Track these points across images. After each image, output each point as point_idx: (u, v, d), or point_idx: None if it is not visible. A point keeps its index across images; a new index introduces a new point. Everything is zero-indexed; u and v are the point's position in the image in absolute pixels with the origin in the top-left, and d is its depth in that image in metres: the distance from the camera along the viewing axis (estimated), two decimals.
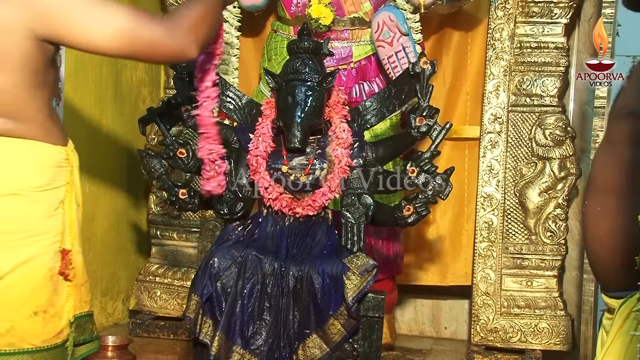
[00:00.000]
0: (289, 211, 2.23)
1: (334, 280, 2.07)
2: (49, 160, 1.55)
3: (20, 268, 1.51)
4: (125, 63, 3.22)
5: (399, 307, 3.36)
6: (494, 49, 3.00)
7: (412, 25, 2.84)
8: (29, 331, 1.53)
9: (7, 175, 1.50)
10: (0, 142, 1.50)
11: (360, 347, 2.14)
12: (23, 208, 1.52)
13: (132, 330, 3.12)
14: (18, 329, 1.52)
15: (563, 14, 2.96)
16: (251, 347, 2.07)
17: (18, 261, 1.51)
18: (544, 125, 2.95)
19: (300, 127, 2.17)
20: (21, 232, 1.51)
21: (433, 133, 2.24)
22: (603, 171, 1.45)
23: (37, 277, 1.53)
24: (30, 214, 1.52)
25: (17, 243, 1.51)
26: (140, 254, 3.41)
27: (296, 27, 2.85)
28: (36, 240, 1.53)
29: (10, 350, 1.51)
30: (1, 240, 1.50)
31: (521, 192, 2.97)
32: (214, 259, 2.11)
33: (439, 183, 2.20)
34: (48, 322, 1.56)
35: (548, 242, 2.95)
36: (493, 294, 2.97)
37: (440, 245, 3.22)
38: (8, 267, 1.50)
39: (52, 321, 1.57)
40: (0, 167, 1.50)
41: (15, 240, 1.50)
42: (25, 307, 1.53)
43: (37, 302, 1.54)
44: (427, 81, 2.25)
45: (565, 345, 2.90)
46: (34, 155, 1.53)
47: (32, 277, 1.53)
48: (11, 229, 1.50)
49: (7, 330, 1.51)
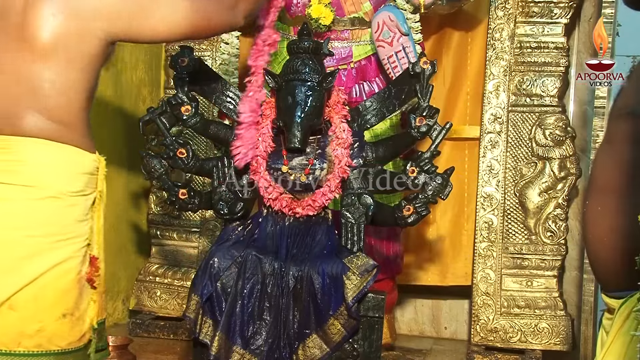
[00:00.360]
0: (289, 211, 2.23)
1: (334, 280, 2.07)
2: (85, 167, 1.59)
3: (54, 270, 1.53)
4: (126, 63, 3.22)
5: (399, 307, 3.36)
6: (494, 49, 3.00)
7: (412, 25, 2.84)
8: (57, 333, 1.56)
9: (50, 178, 1.54)
10: (49, 146, 1.53)
11: (360, 347, 2.14)
12: (60, 211, 1.55)
13: (132, 330, 3.12)
14: (47, 330, 1.54)
15: (563, 14, 2.96)
16: (251, 347, 2.07)
17: (52, 263, 1.53)
18: (544, 125, 2.95)
19: (300, 127, 2.17)
20: (57, 234, 1.54)
21: (433, 133, 2.24)
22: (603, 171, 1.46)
23: (67, 279, 1.56)
24: (66, 217, 1.55)
25: (52, 245, 1.53)
26: (140, 254, 3.41)
27: (296, 27, 2.85)
28: (69, 244, 1.56)
29: (37, 352, 1.54)
30: (39, 242, 1.52)
31: (521, 192, 2.97)
32: (214, 259, 2.11)
33: (439, 183, 2.20)
34: (74, 325, 1.58)
35: (548, 242, 2.95)
36: (493, 294, 2.97)
37: (440, 245, 3.22)
38: (43, 268, 1.52)
39: (78, 324, 1.59)
40: (45, 170, 1.53)
41: (51, 243, 1.53)
42: (55, 309, 1.55)
43: (67, 304, 1.56)
44: (427, 81, 2.24)
45: (565, 345, 2.90)
46: (74, 161, 1.57)
47: (64, 280, 1.55)
48: (48, 231, 1.53)
49: (37, 331, 1.54)
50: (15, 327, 1.52)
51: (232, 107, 2.38)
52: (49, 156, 1.54)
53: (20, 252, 1.51)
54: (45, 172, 1.53)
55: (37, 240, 1.52)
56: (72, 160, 1.57)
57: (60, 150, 1.55)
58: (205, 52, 3.16)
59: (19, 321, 1.52)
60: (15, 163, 1.51)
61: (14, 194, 1.51)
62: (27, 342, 1.53)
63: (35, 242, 1.52)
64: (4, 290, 1.50)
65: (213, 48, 3.18)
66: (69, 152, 1.56)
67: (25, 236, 1.51)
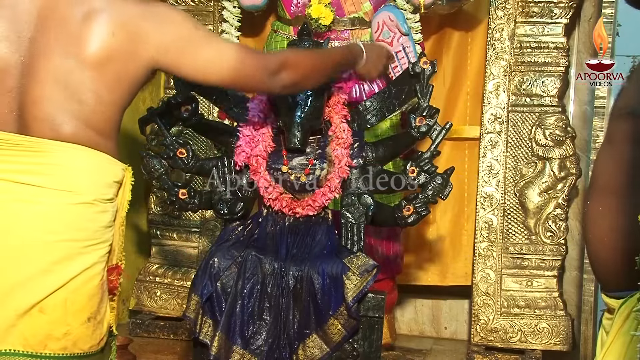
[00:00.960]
0: (289, 211, 2.23)
1: (334, 280, 2.07)
2: (116, 176, 1.63)
3: (83, 274, 1.55)
4: None
5: (399, 307, 3.36)
6: (494, 49, 3.00)
7: (412, 25, 2.84)
8: (82, 337, 1.58)
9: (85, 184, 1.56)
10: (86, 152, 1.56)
11: (360, 347, 2.14)
12: (92, 217, 1.57)
13: (132, 330, 3.12)
14: (74, 333, 1.56)
15: (563, 14, 2.96)
16: (251, 347, 2.07)
17: (82, 268, 1.55)
18: (544, 125, 2.95)
19: (300, 127, 2.17)
20: (87, 240, 1.56)
21: (433, 133, 2.24)
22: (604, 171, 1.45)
23: (93, 284, 1.58)
24: (96, 223, 1.57)
25: (82, 250, 1.55)
26: (140, 254, 3.41)
27: (296, 27, 2.85)
28: (96, 249, 1.58)
29: (63, 354, 1.55)
30: (71, 246, 1.54)
31: (521, 192, 2.97)
32: (214, 259, 2.11)
33: (439, 183, 2.20)
34: (96, 329, 1.60)
35: (548, 242, 2.95)
36: (493, 294, 2.97)
37: (440, 245, 3.22)
38: (74, 273, 1.54)
39: (99, 328, 1.61)
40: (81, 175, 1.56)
41: (81, 248, 1.55)
42: (82, 313, 1.57)
43: (92, 308, 1.58)
44: (427, 81, 2.24)
45: (565, 345, 2.90)
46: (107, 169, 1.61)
47: (90, 284, 1.57)
48: (80, 236, 1.55)
49: (64, 334, 1.55)
50: (43, 330, 1.53)
51: (232, 107, 2.38)
52: (85, 162, 1.56)
53: (52, 255, 1.52)
54: (80, 177, 1.55)
55: (70, 244, 1.54)
56: (106, 168, 1.60)
57: (96, 157, 1.58)
58: None
59: (48, 324, 1.53)
60: (51, 167, 1.53)
61: (49, 197, 1.52)
62: (53, 345, 1.54)
63: (67, 247, 1.53)
64: (35, 294, 1.52)
65: None
66: (104, 160, 1.59)
67: (58, 240, 1.52)
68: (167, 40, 1.62)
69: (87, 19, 1.55)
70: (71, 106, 1.54)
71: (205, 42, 1.67)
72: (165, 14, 1.64)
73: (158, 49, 1.60)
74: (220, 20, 3.15)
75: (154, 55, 1.61)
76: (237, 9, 3.06)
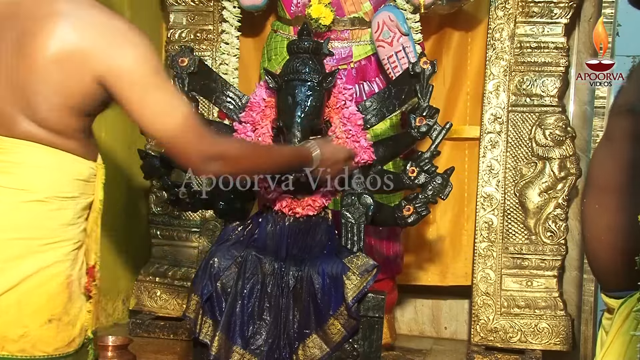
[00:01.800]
0: (289, 211, 2.23)
1: (334, 280, 2.07)
2: (80, 173, 1.58)
3: (40, 274, 1.51)
4: None
5: (399, 307, 3.36)
6: (494, 49, 3.00)
7: (412, 25, 2.84)
8: (43, 338, 1.53)
9: (39, 181, 1.52)
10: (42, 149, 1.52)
11: (360, 347, 2.14)
12: (47, 215, 1.53)
13: (132, 330, 3.12)
14: (32, 335, 1.52)
15: (563, 14, 2.96)
16: (251, 347, 2.07)
17: (38, 267, 1.51)
18: (544, 125, 2.95)
19: (300, 127, 2.17)
20: (44, 238, 1.52)
21: (433, 133, 2.24)
22: (602, 168, 1.45)
23: (55, 284, 1.53)
24: (53, 221, 1.53)
25: (38, 249, 1.51)
26: (140, 254, 3.41)
27: (296, 27, 2.85)
28: (57, 247, 1.54)
29: (21, 357, 1.51)
30: (24, 245, 1.50)
31: (521, 192, 2.97)
32: (214, 259, 2.11)
33: (439, 183, 2.20)
34: (62, 330, 1.55)
35: (548, 242, 2.95)
36: (493, 294, 2.97)
37: (440, 245, 3.22)
38: (28, 272, 1.50)
39: (66, 329, 1.56)
40: (36, 173, 1.52)
41: (37, 246, 1.51)
42: (41, 314, 1.52)
43: (54, 309, 1.54)
44: (427, 81, 2.25)
45: (565, 345, 2.90)
46: (67, 167, 1.56)
47: (51, 284, 1.53)
48: (34, 234, 1.51)
49: (21, 336, 1.51)
50: None
51: (232, 107, 2.38)
52: (40, 160, 1.52)
53: (4, 254, 1.49)
54: (35, 175, 1.52)
55: (23, 243, 1.50)
56: (65, 165, 1.55)
57: (54, 155, 1.53)
58: (205, 52, 3.16)
59: (2, 325, 1.49)
60: (10, 165, 1.50)
61: (3, 196, 1.49)
62: (10, 346, 1.50)
63: (20, 245, 1.50)
64: None
65: (213, 48, 3.18)
66: (62, 158, 1.54)
67: (10, 239, 1.49)
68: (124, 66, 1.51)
69: (48, 21, 1.50)
70: (23, 106, 1.50)
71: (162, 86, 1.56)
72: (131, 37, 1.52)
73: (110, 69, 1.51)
74: (220, 20, 3.15)
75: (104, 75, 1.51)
76: (237, 9, 3.06)
